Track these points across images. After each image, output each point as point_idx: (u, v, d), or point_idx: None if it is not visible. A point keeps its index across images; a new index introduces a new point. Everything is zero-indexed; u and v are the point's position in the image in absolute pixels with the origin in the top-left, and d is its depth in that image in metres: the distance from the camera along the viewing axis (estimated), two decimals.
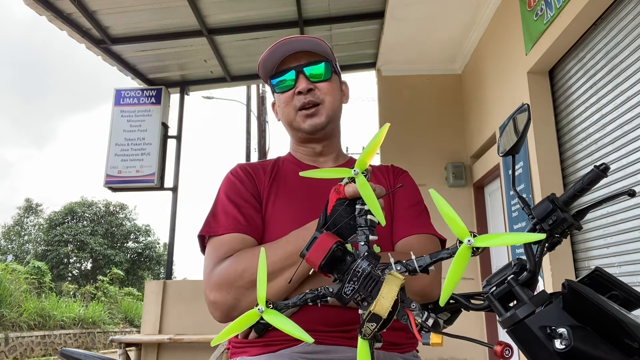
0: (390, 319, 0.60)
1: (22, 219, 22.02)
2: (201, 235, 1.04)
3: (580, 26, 2.88)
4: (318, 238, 0.69)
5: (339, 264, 0.67)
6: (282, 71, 1.14)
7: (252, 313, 0.63)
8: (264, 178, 1.13)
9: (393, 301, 0.59)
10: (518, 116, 1.10)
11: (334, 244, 0.67)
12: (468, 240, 0.57)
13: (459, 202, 4.94)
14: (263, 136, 10.35)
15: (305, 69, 1.12)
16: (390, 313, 0.59)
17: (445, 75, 5.33)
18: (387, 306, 0.59)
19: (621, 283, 0.90)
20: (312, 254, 0.68)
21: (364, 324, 0.60)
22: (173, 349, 4.26)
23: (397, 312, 0.61)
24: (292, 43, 1.11)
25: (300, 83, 1.11)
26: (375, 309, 0.59)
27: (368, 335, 0.60)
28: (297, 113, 1.13)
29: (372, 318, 0.59)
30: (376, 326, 0.59)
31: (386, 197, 1.13)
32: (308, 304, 0.68)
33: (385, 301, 0.59)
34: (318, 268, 0.67)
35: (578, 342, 0.76)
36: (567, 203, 0.98)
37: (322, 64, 1.14)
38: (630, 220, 2.55)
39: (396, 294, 0.59)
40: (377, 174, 1.20)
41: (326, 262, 0.67)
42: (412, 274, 0.65)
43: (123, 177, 5.19)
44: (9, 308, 9.45)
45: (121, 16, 4.44)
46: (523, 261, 1.01)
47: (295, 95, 1.12)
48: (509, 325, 0.90)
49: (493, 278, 1.08)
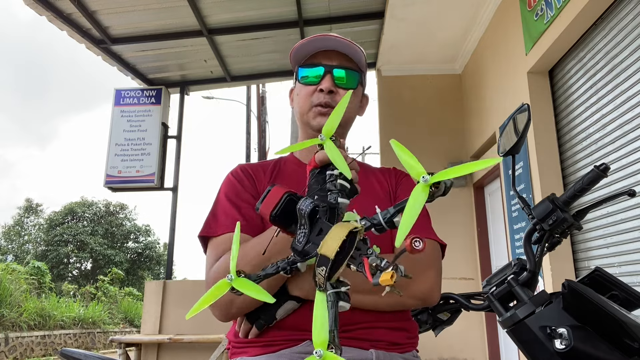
0: (340, 262, 0.56)
1: (22, 219, 22.01)
2: (201, 236, 1.06)
3: (580, 26, 2.88)
4: (271, 190, 0.68)
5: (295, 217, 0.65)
6: (313, 64, 1.13)
7: (223, 282, 0.61)
8: (264, 178, 1.13)
9: (341, 241, 0.56)
10: (518, 116, 1.10)
11: (285, 194, 0.67)
12: (423, 177, 0.55)
13: (459, 202, 4.95)
14: (263, 136, 10.35)
15: (334, 70, 1.12)
16: (338, 254, 0.56)
17: (445, 75, 5.33)
18: (334, 247, 0.56)
19: (621, 283, 0.91)
20: (265, 205, 0.67)
21: (315, 272, 0.57)
22: (173, 349, 4.26)
23: (351, 257, 0.57)
24: (331, 41, 1.12)
25: (325, 82, 1.11)
26: (322, 250, 0.56)
27: (321, 283, 0.56)
28: (311, 108, 1.13)
29: (320, 261, 0.56)
30: (325, 270, 0.56)
31: (387, 198, 1.14)
32: (280, 272, 0.65)
33: (333, 242, 0.56)
34: (270, 218, 0.66)
35: (578, 342, 0.76)
36: (567, 203, 0.99)
37: (352, 72, 1.14)
38: (630, 220, 2.55)
39: (345, 235, 0.56)
40: (379, 175, 1.20)
41: (278, 212, 0.66)
42: (376, 228, 0.61)
43: (123, 177, 5.19)
44: (9, 308, 9.45)
45: (121, 16, 4.44)
46: (523, 261, 1.01)
47: (316, 92, 1.12)
48: (509, 325, 0.90)
49: (493, 278, 1.08)
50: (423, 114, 5.21)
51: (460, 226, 4.89)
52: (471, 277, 4.70)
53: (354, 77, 1.15)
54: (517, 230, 3.68)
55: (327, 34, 1.13)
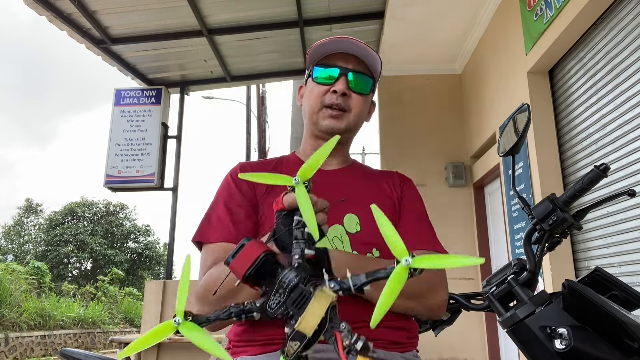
0: (315, 338, 0.54)
1: (22, 219, 22.01)
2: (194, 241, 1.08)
3: (580, 26, 2.88)
4: (245, 245, 0.63)
5: (268, 275, 0.61)
6: (329, 65, 1.14)
7: (168, 324, 0.56)
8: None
9: (320, 319, 0.54)
10: (518, 116, 1.10)
11: (262, 253, 0.62)
12: (406, 260, 0.52)
13: (459, 202, 4.94)
14: (263, 136, 10.35)
15: (350, 73, 1.13)
16: (316, 332, 0.54)
17: (445, 75, 5.33)
18: (313, 324, 0.54)
19: (621, 283, 0.91)
20: (237, 262, 0.62)
21: (287, 342, 0.55)
22: (173, 349, 4.26)
23: (325, 332, 0.55)
24: (351, 44, 1.12)
25: (339, 84, 1.12)
26: (300, 327, 0.54)
27: (290, 355, 0.54)
28: (322, 108, 1.13)
29: (295, 336, 0.54)
30: (300, 345, 0.54)
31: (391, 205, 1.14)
32: (232, 318, 0.61)
33: (312, 318, 0.54)
34: (242, 278, 0.62)
35: (578, 342, 0.76)
36: (567, 203, 0.99)
37: (367, 78, 1.16)
38: (630, 220, 2.55)
39: (324, 312, 0.54)
40: (382, 179, 1.20)
41: (252, 272, 0.61)
42: (345, 292, 0.58)
43: (123, 177, 5.19)
44: (9, 308, 9.45)
45: (121, 16, 4.44)
46: (523, 261, 1.01)
47: (329, 93, 1.13)
48: (509, 325, 0.90)
49: (493, 278, 1.08)
50: (423, 114, 5.21)
51: (460, 226, 4.89)
52: (471, 277, 4.70)
53: (368, 83, 1.16)
54: (517, 230, 3.68)
55: (347, 37, 1.13)
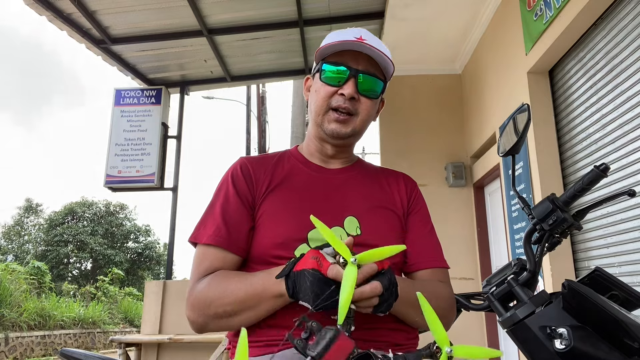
0: None
1: (22, 219, 22.00)
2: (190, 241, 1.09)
3: (580, 26, 2.87)
4: (336, 340, 0.67)
5: None
6: (338, 63, 1.07)
7: None
8: (265, 175, 1.12)
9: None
10: (518, 116, 1.10)
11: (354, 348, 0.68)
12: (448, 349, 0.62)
13: (459, 202, 4.94)
14: (263, 136, 10.35)
15: (360, 75, 1.06)
16: None
17: (445, 75, 5.33)
18: None
19: (621, 283, 0.90)
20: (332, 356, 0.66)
21: None
22: (173, 349, 4.26)
23: None
24: (364, 45, 1.05)
25: (347, 87, 1.05)
26: None
27: None
28: (328, 111, 1.09)
29: None
30: None
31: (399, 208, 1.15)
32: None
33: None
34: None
35: (578, 342, 0.76)
36: (567, 203, 0.98)
37: (378, 81, 1.09)
38: (630, 220, 2.55)
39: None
40: (385, 180, 1.20)
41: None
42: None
43: (123, 177, 5.19)
44: (9, 308, 9.45)
45: (121, 16, 4.44)
46: (523, 261, 1.01)
47: (336, 95, 1.07)
48: (509, 325, 0.90)
49: (493, 278, 1.08)
50: (423, 114, 5.21)
51: (460, 226, 4.89)
52: (471, 277, 4.70)
53: (378, 86, 1.09)
54: (517, 230, 3.68)
55: (361, 39, 1.06)
